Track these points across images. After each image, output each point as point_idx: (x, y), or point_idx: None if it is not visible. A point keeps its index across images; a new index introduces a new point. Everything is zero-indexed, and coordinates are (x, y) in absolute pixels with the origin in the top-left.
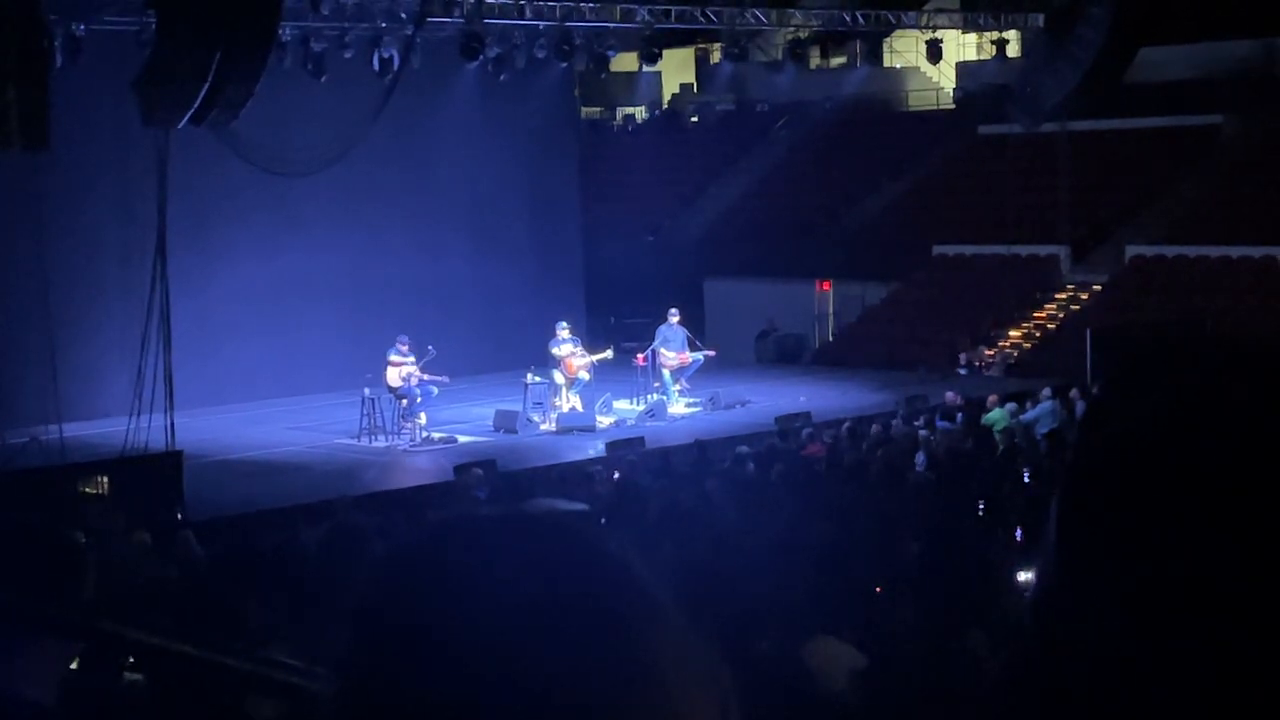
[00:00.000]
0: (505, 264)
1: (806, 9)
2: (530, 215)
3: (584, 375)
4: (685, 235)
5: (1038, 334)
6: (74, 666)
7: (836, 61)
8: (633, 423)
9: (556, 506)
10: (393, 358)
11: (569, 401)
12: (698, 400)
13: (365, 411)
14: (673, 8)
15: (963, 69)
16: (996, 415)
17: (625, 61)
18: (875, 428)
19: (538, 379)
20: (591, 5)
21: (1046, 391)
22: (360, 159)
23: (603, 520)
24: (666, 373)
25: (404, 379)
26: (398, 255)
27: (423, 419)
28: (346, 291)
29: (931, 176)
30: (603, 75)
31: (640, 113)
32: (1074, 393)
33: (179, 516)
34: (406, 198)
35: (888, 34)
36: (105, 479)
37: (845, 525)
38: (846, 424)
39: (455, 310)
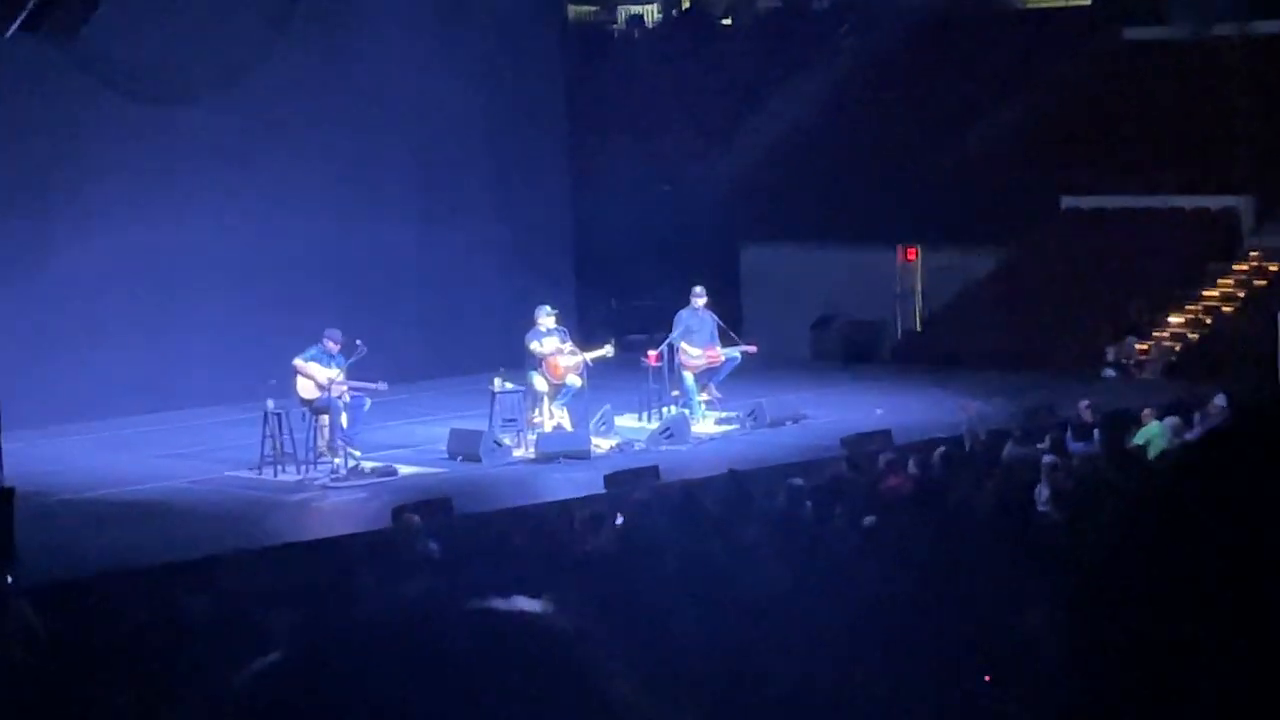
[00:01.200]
0: (465, 228)
1: None
2: (500, 159)
3: (574, 380)
4: (715, 185)
5: (1208, 320)
6: None
7: None
8: (642, 446)
9: (516, 606)
10: (303, 362)
11: (553, 417)
12: (733, 415)
13: (268, 433)
14: None
15: None
16: (1152, 433)
17: None
18: (981, 452)
19: (509, 386)
20: None
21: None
22: (263, 86)
23: (587, 607)
24: (689, 376)
25: (323, 387)
26: (315, 220)
27: (357, 454)
28: (243, 270)
29: (1059, 101)
30: None
31: (651, 12)
32: (1219, 400)
33: (8, 579)
34: (328, 140)
35: None
36: None
37: (938, 589)
38: (941, 448)
39: (395, 293)
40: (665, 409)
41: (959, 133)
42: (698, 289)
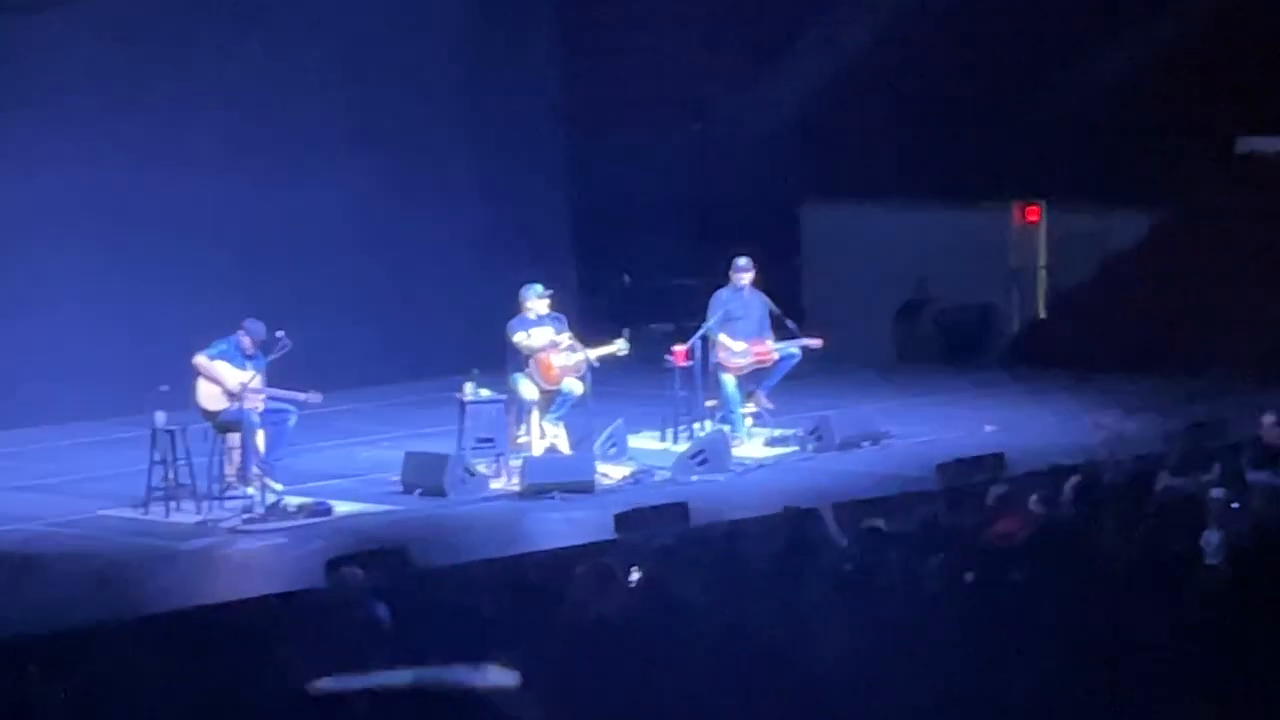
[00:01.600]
0: (422, 181)
1: None
2: (470, 85)
3: (574, 386)
4: (763, 123)
5: None
6: None
7: None
8: (667, 476)
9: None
10: (208, 361)
11: (546, 435)
12: (790, 433)
13: (159, 457)
14: None
15: None
16: None
17: None
18: (1126, 484)
19: (486, 393)
20: None
21: None
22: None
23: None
24: (730, 380)
25: (234, 396)
26: (222, 178)
27: (278, 486)
28: (122, 243)
29: (1235, 7)
30: None
31: None
32: None
33: None
34: (240, 68)
35: None
36: None
37: (1066, 672)
38: (1074, 479)
39: (330, 270)
40: (698, 425)
41: (1096, 53)
42: (741, 261)
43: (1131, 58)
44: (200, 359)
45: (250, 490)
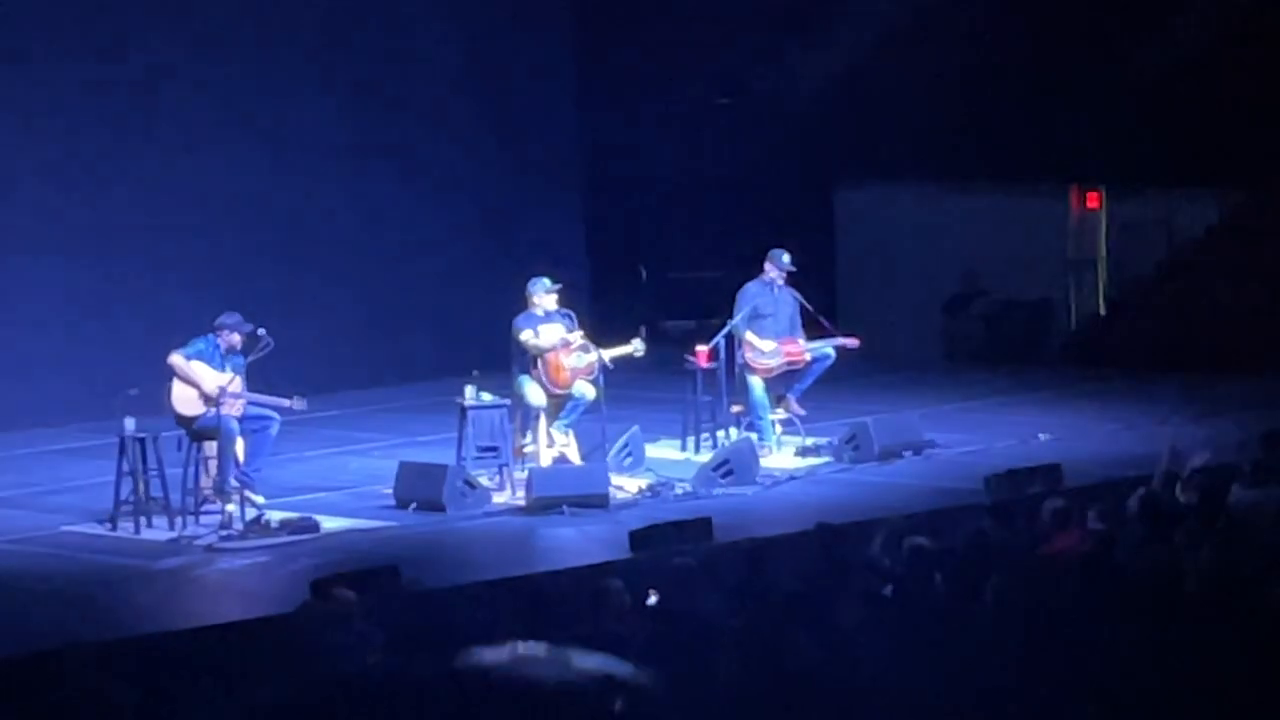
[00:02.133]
0: (424, 166)
1: None
2: (474, 55)
3: (585, 389)
4: (796, 99)
5: None
6: None
7: None
8: (688, 488)
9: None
10: (183, 361)
11: (554, 443)
12: (824, 441)
13: (128, 468)
14: None
15: None
16: None
17: None
18: (1196, 498)
19: (488, 397)
20: None
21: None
22: None
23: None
24: (758, 383)
25: (212, 400)
26: (206, 161)
27: (259, 499)
28: (90, 228)
29: None
30: None
31: None
32: None
33: None
34: (231, 57)
35: None
36: None
37: (1130, 709)
38: (1139, 491)
39: (314, 260)
40: (722, 433)
41: (1163, 21)
42: (786, 258)
43: (1201, 29)
44: (176, 358)
45: (228, 506)
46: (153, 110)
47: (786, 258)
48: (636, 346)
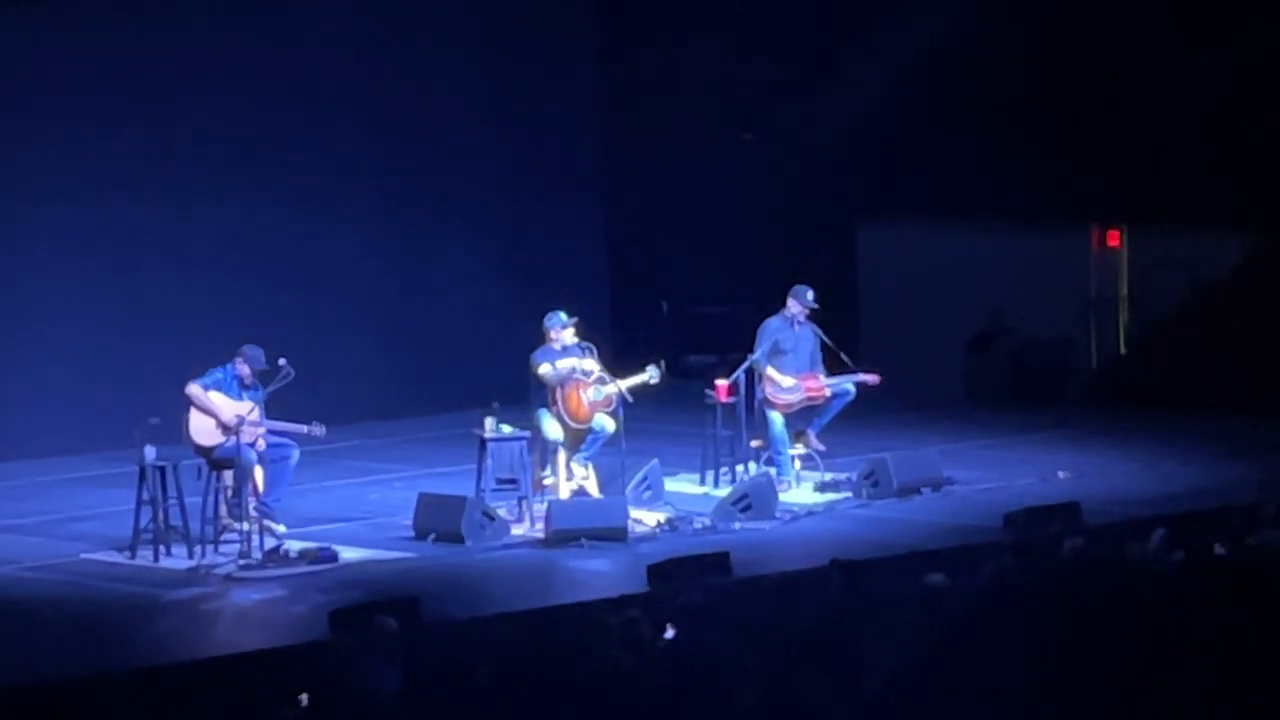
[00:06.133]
0: (444, 200)
1: None
2: (495, 87)
3: (604, 422)
4: (819, 134)
5: None
6: None
7: None
8: (706, 523)
9: None
10: (202, 391)
11: (573, 476)
12: (843, 477)
13: (148, 496)
14: None
15: None
16: None
17: None
18: (1218, 541)
19: (508, 429)
20: None
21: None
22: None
23: None
24: (778, 418)
25: (230, 429)
26: (225, 194)
27: (279, 529)
28: (110, 262)
29: None
30: None
31: None
32: None
33: None
34: (250, 85)
35: None
36: None
37: None
38: (1159, 530)
39: (341, 294)
40: (741, 467)
41: (1183, 61)
42: (800, 289)
43: (1222, 69)
44: (194, 388)
45: (245, 526)
46: (178, 143)
47: (811, 295)
48: (651, 374)
